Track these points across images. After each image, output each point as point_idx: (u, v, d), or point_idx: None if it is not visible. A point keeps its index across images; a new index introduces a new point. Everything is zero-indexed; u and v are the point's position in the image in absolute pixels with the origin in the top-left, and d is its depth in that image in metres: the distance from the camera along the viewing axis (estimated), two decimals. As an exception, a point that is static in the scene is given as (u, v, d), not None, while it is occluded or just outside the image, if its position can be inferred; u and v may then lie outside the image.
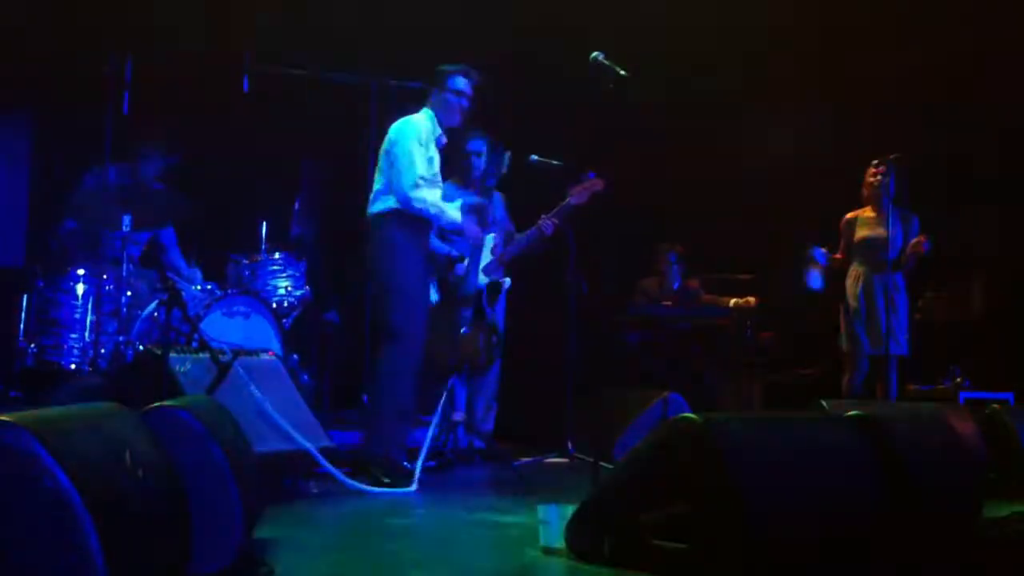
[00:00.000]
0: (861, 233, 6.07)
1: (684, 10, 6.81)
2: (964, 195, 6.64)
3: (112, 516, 1.79)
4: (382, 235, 4.70)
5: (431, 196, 4.69)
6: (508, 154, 5.33)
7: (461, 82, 4.86)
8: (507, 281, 5.79)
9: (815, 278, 6.00)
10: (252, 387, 4.10)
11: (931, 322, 6.45)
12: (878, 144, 6.02)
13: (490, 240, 5.68)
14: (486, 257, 5.69)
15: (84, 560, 1.72)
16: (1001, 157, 6.66)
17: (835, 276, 6.11)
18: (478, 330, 5.27)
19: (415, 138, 4.72)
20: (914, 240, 5.87)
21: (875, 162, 5.99)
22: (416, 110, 4.87)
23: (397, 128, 4.77)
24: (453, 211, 4.77)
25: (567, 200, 5.49)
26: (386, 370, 4.61)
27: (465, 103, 4.88)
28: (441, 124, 4.85)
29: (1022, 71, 6.52)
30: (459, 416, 5.51)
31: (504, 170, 5.40)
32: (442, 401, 5.23)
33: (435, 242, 5.44)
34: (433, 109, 4.86)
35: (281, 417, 4.09)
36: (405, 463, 4.60)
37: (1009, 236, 6.67)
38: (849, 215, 6.16)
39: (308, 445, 4.06)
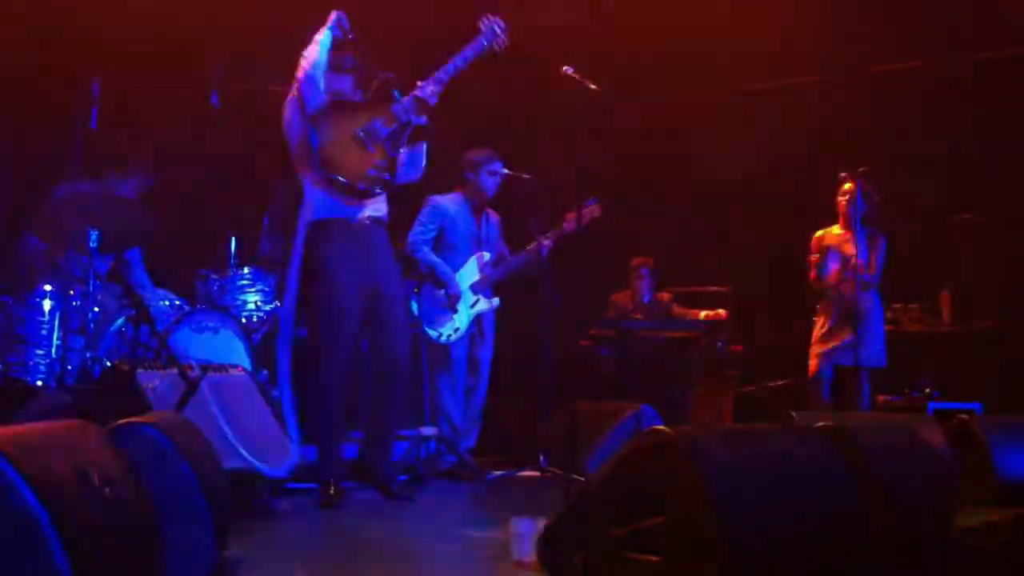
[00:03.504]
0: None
1: (655, 19, 6.85)
2: (934, 207, 6.71)
3: (80, 534, 1.76)
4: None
5: None
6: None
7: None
8: (496, 301, 5.80)
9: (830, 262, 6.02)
10: (212, 405, 4.06)
11: (901, 333, 6.50)
12: (852, 156, 6.02)
13: (474, 262, 5.71)
14: (475, 275, 5.70)
15: (51, 579, 1.70)
16: (975, 169, 6.74)
17: (807, 292, 6.14)
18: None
19: None
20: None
21: (842, 175, 5.97)
22: None
23: None
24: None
25: (562, 226, 5.63)
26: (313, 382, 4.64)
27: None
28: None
29: (1001, 83, 6.61)
30: (430, 431, 5.50)
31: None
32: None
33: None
34: None
35: (247, 434, 4.06)
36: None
37: (978, 247, 6.74)
38: (819, 232, 6.17)
39: (265, 468, 3.99)
